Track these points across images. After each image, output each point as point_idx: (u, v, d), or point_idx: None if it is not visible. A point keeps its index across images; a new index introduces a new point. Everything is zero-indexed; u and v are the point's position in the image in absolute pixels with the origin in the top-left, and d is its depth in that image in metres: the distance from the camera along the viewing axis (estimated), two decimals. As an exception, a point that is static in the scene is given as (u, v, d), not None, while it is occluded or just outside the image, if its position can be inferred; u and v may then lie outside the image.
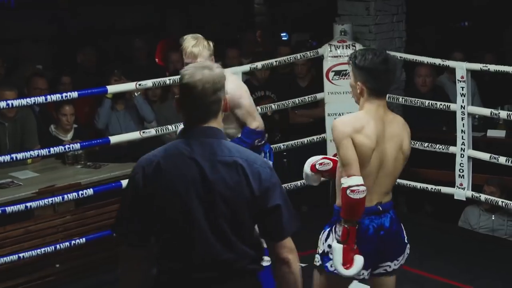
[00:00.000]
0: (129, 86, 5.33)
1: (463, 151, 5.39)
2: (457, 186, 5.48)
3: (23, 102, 4.71)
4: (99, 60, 7.48)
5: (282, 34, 9.64)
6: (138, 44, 7.71)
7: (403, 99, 5.89)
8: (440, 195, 5.70)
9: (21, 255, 4.71)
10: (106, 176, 5.33)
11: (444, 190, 5.60)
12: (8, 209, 4.60)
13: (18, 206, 4.64)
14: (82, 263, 5.14)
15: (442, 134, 6.13)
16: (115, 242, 4.64)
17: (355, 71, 3.37)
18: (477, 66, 5.31)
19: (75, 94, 4.85)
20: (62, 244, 4.87)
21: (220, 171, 2.59)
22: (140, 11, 9.33)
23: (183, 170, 2.60)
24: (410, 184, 5.79)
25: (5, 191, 5.07)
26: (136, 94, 6.16)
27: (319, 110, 6.26)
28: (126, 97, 6.14)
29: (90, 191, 4.86)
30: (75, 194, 4.86)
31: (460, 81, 5.32)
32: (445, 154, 5.55)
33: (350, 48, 6.00)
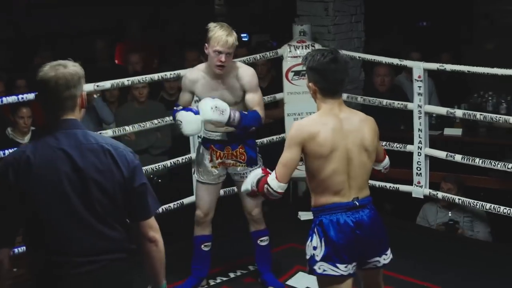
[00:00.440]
0: (87, 87, 5.29)
1: (420, 149, 5.46)
2: (415, 184, 5.55)
3: (-21, 104, 4.68)
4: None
5: (242, 35, 9.65)
6: (100, 44, 7.67)
7: (362, 98, 5.95)
8: (399, 193, 5.75)
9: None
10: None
11: (402, 188, 5.66)
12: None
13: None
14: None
15: (400, 133, 6.20)
16: None
17: (307, 72, 3.49)
18: (433, 66, 5.38)
19: (31, 96, 4.81)
20: (20, 248, 4.82)
21: (89, 157, 2.75)
22: (98, 13, 9.29)
23: (53, 162, 2.73)
24: (369, 183, 5.81)
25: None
26: (95, 95, 6.13)
27: (279, 111, 6.29)
28: (83, 98, 6.11)
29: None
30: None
31: (417, 80, 5.38)
32: (403, 153, 5.61)
33: (309, 49, 6.03)
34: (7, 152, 4.76)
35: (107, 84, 5.17)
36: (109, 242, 2.79)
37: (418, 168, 5.49)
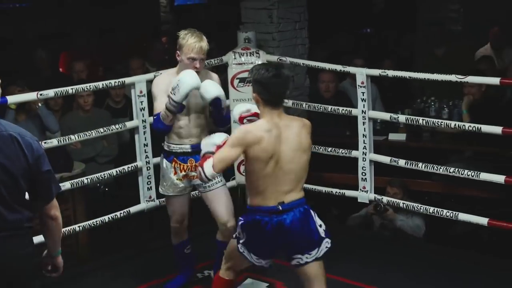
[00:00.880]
0: (30, 96, 5.24)
1: (365, 155, 5.52)
2: (360, 189, 5.60)
3: None
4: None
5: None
6: (40, 54, 7.58)
7: (307, 105, 5.98)
8: (345, 198, 5.81)
9: None
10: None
11: (348, 193, 5.72)
12: None
13: None
14: None
15: (345, 139, 6.26)
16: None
17: (252, 83, 3.88)
18: (376, 72, 5.45)
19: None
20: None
21: None
22: (43, 20, 9.19)
23: None
24: (315, 189, 5.88)
25: None
26: (40, 104, 6.05)
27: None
28: (26, 107, 6.02)
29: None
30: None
31: (361, 86, 5.44)
32: (348, 158, 5.67)
33: (254, 56, 6.06)
34: None
35: (50, 92, 5.11)
36: (6, 222, 3.07)
37: (363, 174, 5.55)
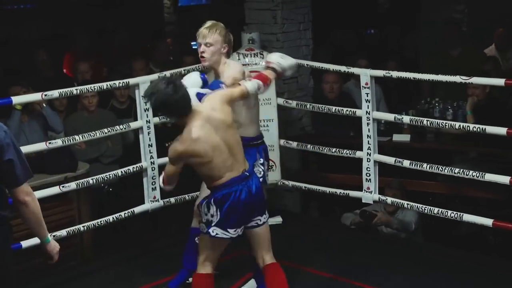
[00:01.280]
0: (35, 96, 5.25)
1: (369, 155, 5.52)
2: (364, 190, 5.60)
3: None
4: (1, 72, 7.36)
5: (192, 43, 9.65)
6: (41, 56, 7.60)
7: (311, 106, 5.99)
8: (349, 199, 5.81)
9: None
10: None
11: (352, 194, 5.72)
12: None
13: None
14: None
15: (349, 139, 6.26)
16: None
17: (157, 111, 4.38)
18: (380, 73, 5.45)
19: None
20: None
21: None
22: (45, 21, 9.20)
23: None
24: (320, 189, 5.88)
25: None
26: (44, 105, 6.07)
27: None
28: (29, 108, 6.03)
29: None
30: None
31: (365, 87, 5.44)
32: (352, 159, 5.67)
33: (258, 56, 6.06)
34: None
35: (55, 93, 5.12)
36: None
37: (368, 174, 5.55)
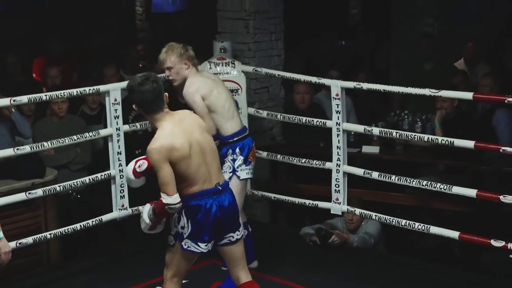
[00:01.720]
0: (3, 102, 5.22)
1: (339, 166, 5.54)
2: (333, 201, 5.62)
3: None
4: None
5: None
6: (11, 59, 7.55)
7: (282, 116, 6.00)
8: (318, 210, 5.83)
9: None
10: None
11: (321, 205, 5.73)
12: None
13: None
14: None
15: (319, 150, 6.29)
16: None
17: (128, 99, 4.22)
18: (350, 84, 5.47)
19: None
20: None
21: None
22: (17, 24, 9.15)
23: None
24: (289, 200, 5.90)
25: None
26: (13, 109, 6.03)
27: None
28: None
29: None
30: None
31: (335, 98, 5.46)
32: (321, 170, 5.69)
33: (230, 66, 6.06)
34: None
35: (24, 98, 5.09)
36: None
37: (337, 185, 5.57)
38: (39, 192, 5.16)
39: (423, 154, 6.20)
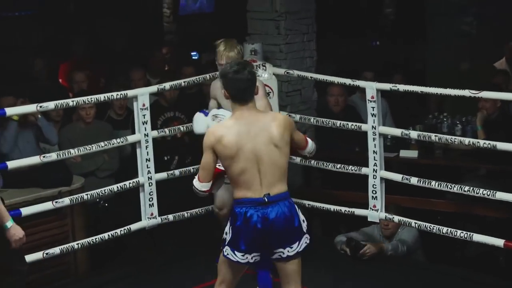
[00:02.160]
0: (29, 108, 5.19)
1: (376, 172, 5.45)
2: (370, 208, 5.54)
3: None
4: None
5: (192, 53, 9.62)
6: (39, 64, 7.55)
7: (315, 120, 5.92)
8: (355, 217, 5.74)
9: None
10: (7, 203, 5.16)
11: (358, 212, 5.65)
12: None
13: None
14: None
15: (355, 155, 6.21)
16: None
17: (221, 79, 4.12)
18: (386, 86, 5.39)
19: None
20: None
21: None
22: (40, 29, 9.18)
23: None
24: (324, 207, 5.82)
25: None
26: (39, 115, 6.02)
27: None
28: (21, 119, 5.96)
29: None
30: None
31: (371, 101, 5.38)
32: (358, 176, 5.61)
33: (261, 68, 6.01)
34: None
35: (51, 104, 5.07)
36: None
37: (374, 191, 5.49)
38: (66, 200, 5.13)
39: (464, 158, 6.10)
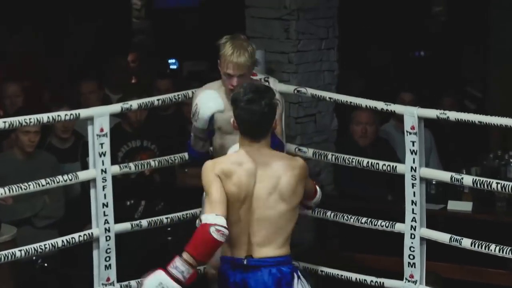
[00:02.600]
0: None
1: (414, 229, 5.47)
2: (406, 279, 5.55)
3: None
4: None
5: (170, 61, 9.67)
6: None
7: (333, 156, 5.92)
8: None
9: None
10: None
11: (389, 283, 5.66)
12: None
13: None
14: None
15: (386, 206, 6.25)
16: None
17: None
18: (432, 113, 5.41)
19: None
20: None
21: None
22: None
23: None
24: (342, 275, 5.83)
25: None
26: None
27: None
28: None
29: None
30: None
31: (410, 133, 5.41)
32: (390, 234, 5.63)
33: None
34: None
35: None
36: None
37: (411, 256, 5.51)
38: (-9, 258, 5.16)
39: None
